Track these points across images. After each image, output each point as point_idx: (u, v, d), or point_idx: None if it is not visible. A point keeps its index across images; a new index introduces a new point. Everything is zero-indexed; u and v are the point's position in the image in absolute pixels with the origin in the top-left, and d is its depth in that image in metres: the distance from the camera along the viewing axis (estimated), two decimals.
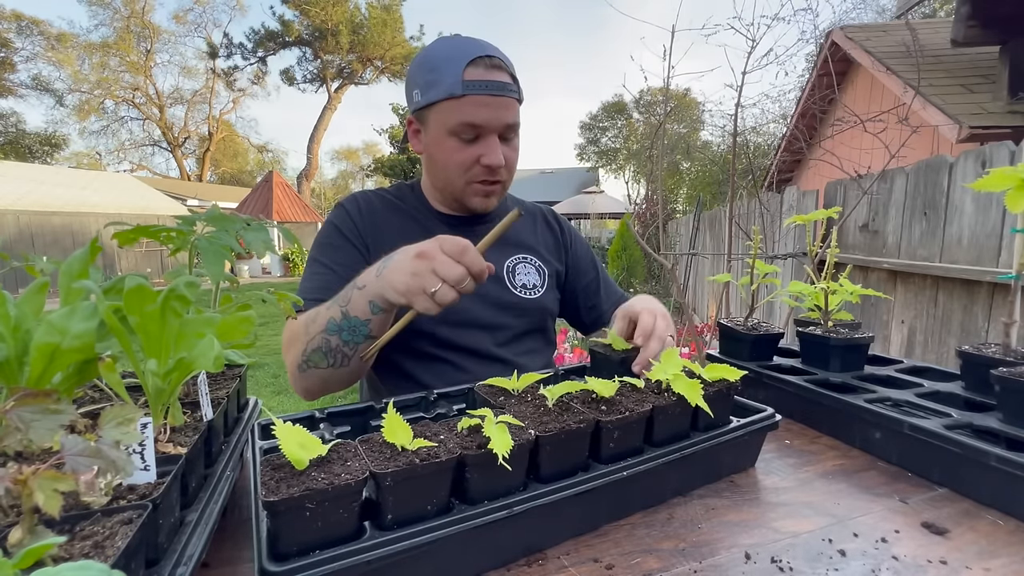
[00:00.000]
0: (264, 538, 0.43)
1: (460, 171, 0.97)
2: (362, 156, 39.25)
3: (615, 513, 0.57)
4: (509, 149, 0.98)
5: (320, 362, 0.83)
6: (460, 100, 0.91)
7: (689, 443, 0.61)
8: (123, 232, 0.64)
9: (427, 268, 0.71)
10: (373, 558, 0.41)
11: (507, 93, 0.94)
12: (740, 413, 0.69)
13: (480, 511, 0.47)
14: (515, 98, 0.96)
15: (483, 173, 0.97)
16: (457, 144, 0.95)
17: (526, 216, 1.18)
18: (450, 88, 0.91)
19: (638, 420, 0.57)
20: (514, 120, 0.96)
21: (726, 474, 0.68)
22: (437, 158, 0.99)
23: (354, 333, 0.81)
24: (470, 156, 0.95)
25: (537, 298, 1.09)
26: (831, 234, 1.13)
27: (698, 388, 0.62)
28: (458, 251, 0.72)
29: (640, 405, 0.59)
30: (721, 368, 0.66)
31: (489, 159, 0.95)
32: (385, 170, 21.47)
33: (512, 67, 0.97)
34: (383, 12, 23.67)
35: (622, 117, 22.08)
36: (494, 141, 0.95)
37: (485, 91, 0.91)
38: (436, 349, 1.01)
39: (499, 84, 0.92)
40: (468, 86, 0.90)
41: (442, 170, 1.00)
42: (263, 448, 0.58)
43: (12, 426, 0.38)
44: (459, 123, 0.92)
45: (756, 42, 2.68)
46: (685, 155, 12.90)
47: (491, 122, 0.93)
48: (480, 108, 0.91)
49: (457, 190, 1.01)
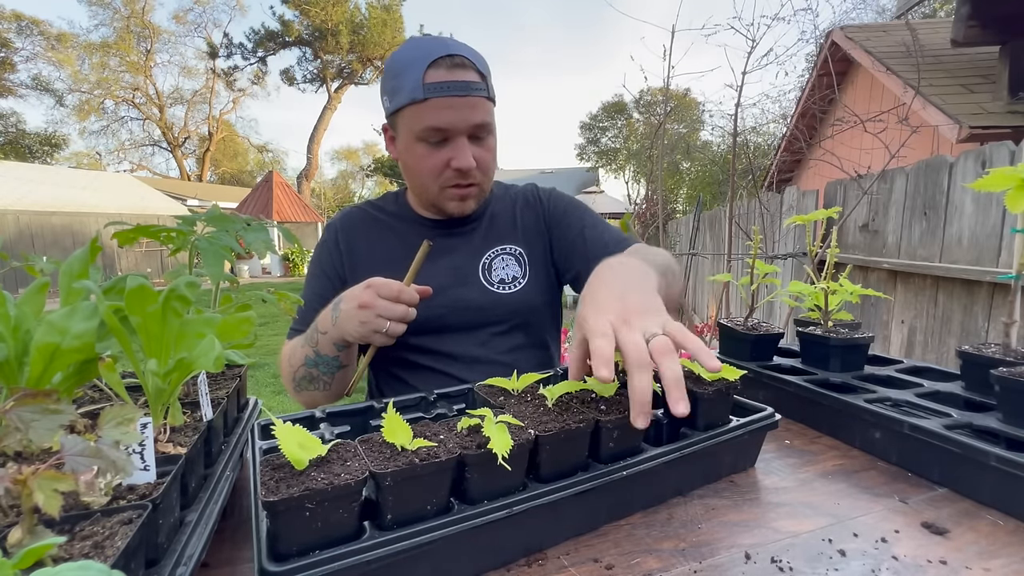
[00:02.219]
0: (264, 538, 0.42)
1: (432, 176, 0.96)
2: (362, 156, 39.25)
3: (615, 513, 0.57)
4: (482, 150, 0.95)
5: (308, 387, 0.95)
6: (423, 104, 0.89)
7: (688, 442, 0.61)
8: (123, 232, 0.64)
9: (372, 315, 0.79)
10: (373, 558, 0.41)
11: (472, 92, 0.90)
12: (740, 413, 0.69)
13: (480, 511, 0.47)
14: (483, 96, 0.92)
15: (455, 177, 0.95)
16: (425, 149, 0.93)
17: (508, 204, 1.13)
18: (412, 92, 0.89)
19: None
20: (483, 120, 0.92)
21: (726, 474, 0.67)
22: (409, 164, 0.98)
23: (328, 367, 0.91)
24: (440, 160, 0.93)
25: (517, 291, 1.04)
26: (831, 234, 1.13)
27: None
28: (393, 294, 0.80)
29: None
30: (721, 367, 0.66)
31: (459, 162, 0.92)
32: (385, 170, 21.48)
33: (481, 64, 0.93)
34: (383, 12, 23.68)
35: (622, 117, 22.08)
36: (462, 143, 0.92)
37: (447, 92, 0.88)
38: (421, 358, 1.02)
39: (462, 84, 0.89)
40: (429, 89, 0.88)
41: (416, 176, 0.98)
42: (263, 448, 0.57)
43: (12, 426, 0.38)
44: (424, 128, 0.90)
45: (756, 42, 2.68)
46: (685, 155, 12.89)
47: (457, 124, 0.90)
48: (443, 111, 0.89)
49: (432, 195, 0.99)
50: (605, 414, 0.56)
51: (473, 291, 1.02)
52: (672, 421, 0.66)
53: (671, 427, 0.66)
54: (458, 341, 1.02)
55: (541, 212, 1.12)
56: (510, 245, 1.07)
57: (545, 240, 1.10)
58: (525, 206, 1.13)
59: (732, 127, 2.84)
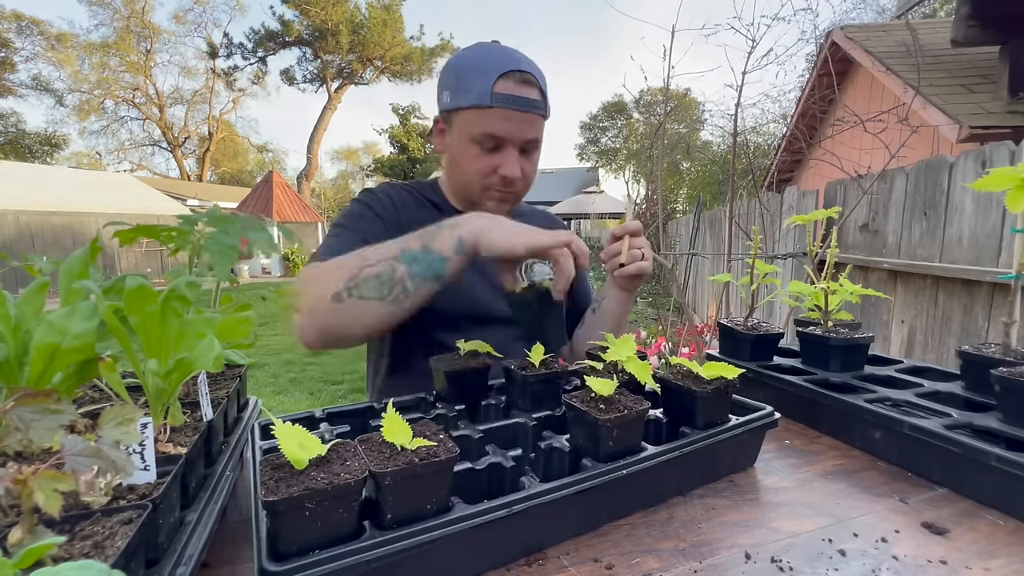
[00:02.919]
0: (264, 538, 0.42)
1: (478, 178, 0.99)
2: (362, 156, 39.26)
3: (615, 512, 0.57)
4: (527, 162, 1.00)
5: (373, 292, 0.74)
6: (486, 111, 0.93)
7: (687, 441, 0.61)
8: (123, 232, 0.64)
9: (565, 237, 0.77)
10: (372, 558, 0.41)
11: (533, 109, 0.95)
12: (740, 412, 0.70)
13: (480, 510, 0.47)
14: (540, 115, 0.98)
15: (499, 183, 0.99)
16: (478, 152, 0.97)
17: (535, 220, 1.19)
18: (478, 97, 0.92)
19: (636, 418, 0.57)
20: (535, 136, 0.98)
21: (726, 473, 0.68)
22: (458, 161, 1.01)
23: (428, 268, 0.74)
24: (488, 165, 0.97)
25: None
26: (831, 234, 1.13)
27: (648, 369, 0.65)
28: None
29: (638, 404, 0.59)
30: (719, 366, 0.66)
31: (507, 171, 0.96)
32: (385, 170, 21.48)
33: (544, 83, 0.98)
34: (383, 12, 23.67)
35: (622, 117, 22.09)
36: (513, 154, 0.97)
37: (512, 105, 0.92)
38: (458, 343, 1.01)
39: (526, 100, 0.94)
40: (496, 98, 0.92)
41: (461, 174, 1.02)
42: (263, 448, 0.58)
43: (12, 426, 0.38)
44: (482, 133, 0.94)
45: (756, 42, 2.68)
46: (685, 155, 12.90)
47: (513, 135, 0.95)
48: (505, 121, 0.93)
49: (473, 194, 1.03)
50: (604, 412, 0.56)
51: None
52: (671, 420, 0.67)
53: (670, 426, 0.66)
54: (500, 332, 1.01)
55: None
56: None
57: None
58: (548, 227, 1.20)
59: (732, 127, 2.83)
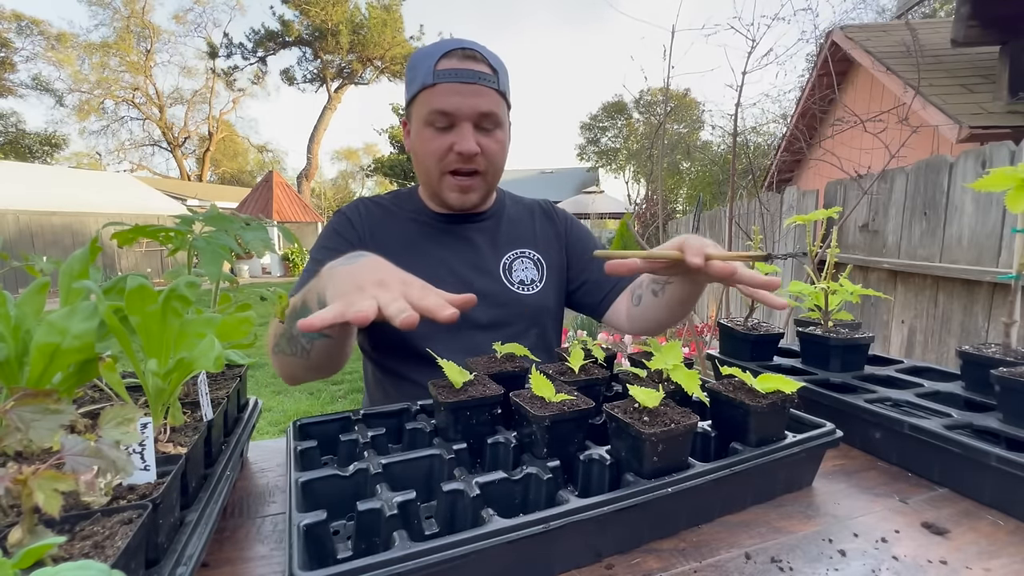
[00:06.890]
0: (297, 543, 0.42)
1: (435, 160, 0.97)
2: (362, 156, 39.22)
3: (657, 533, 0.54)
4: (489, 140, 0.97)
5: (286, 348, 0.84)
6: (432, 89, 0.93)
7: (739, 459, 0.56)
8: (123, 232, 0.64)
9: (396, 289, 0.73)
10: (403, 571, 0.40)
11: (481, 81, 0.93)
12: (797, 428, 0.65)
13: (513, 525, 0.45)
14: (491, 87, 0.95)
15: (457, 161, 0.96)
16: (432, 133, 0.96)
17: (524, 211, 1.19)
18: (423, 79, 0.93)
19: (684, 433, 0.54)
20: (490, 109, 0.94)
21: (779, 493, 0.63)
22: (416, 150, 1.01)
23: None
24: (443, 144, 0.95)
25: (535, 293, 1.08)
26: (831, 234, 1.13)
27: (696, 378, 0.62)
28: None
29: (686, 417, 0.55)
30: (775, 378, 0.61)
31: (461, 146, 0.94)
32: (385, 170, 21.47)
33: (494, 60, 0.97)
34: (383, 12, 23.66)
35: (622, 117, 22.08)
36: (467, 128, 0.94)
37: (456, 79, 0.92)
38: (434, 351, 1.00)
39: (471, 72, 0.92)
40: (440, 75, 0.92)
41: (421, 162, 1.01)
42: (298, 449, 0.60)
43: (12, 426, 0.38)
44: (431, 111, 0.93)
45: (756, 42, 2.68)
46: (685, 155, 12.89)
47: (462, 108, 0.93)
48: (451, 95, 0.92)
49: (435, 182, 1.01)
50: (648, 426, 0.53)
51: (495, 286, 1.05)
52: (721, 434, 0.62)
53: (719, 440, 0.63)
54: (476, 338, 1.00)
55: (561, 229, 1.20)
56: (528, 250, 1.13)
57: (562, 254, 1.18)
58: (543, 217, 1.20)
59: (732, 127, 2.83)
